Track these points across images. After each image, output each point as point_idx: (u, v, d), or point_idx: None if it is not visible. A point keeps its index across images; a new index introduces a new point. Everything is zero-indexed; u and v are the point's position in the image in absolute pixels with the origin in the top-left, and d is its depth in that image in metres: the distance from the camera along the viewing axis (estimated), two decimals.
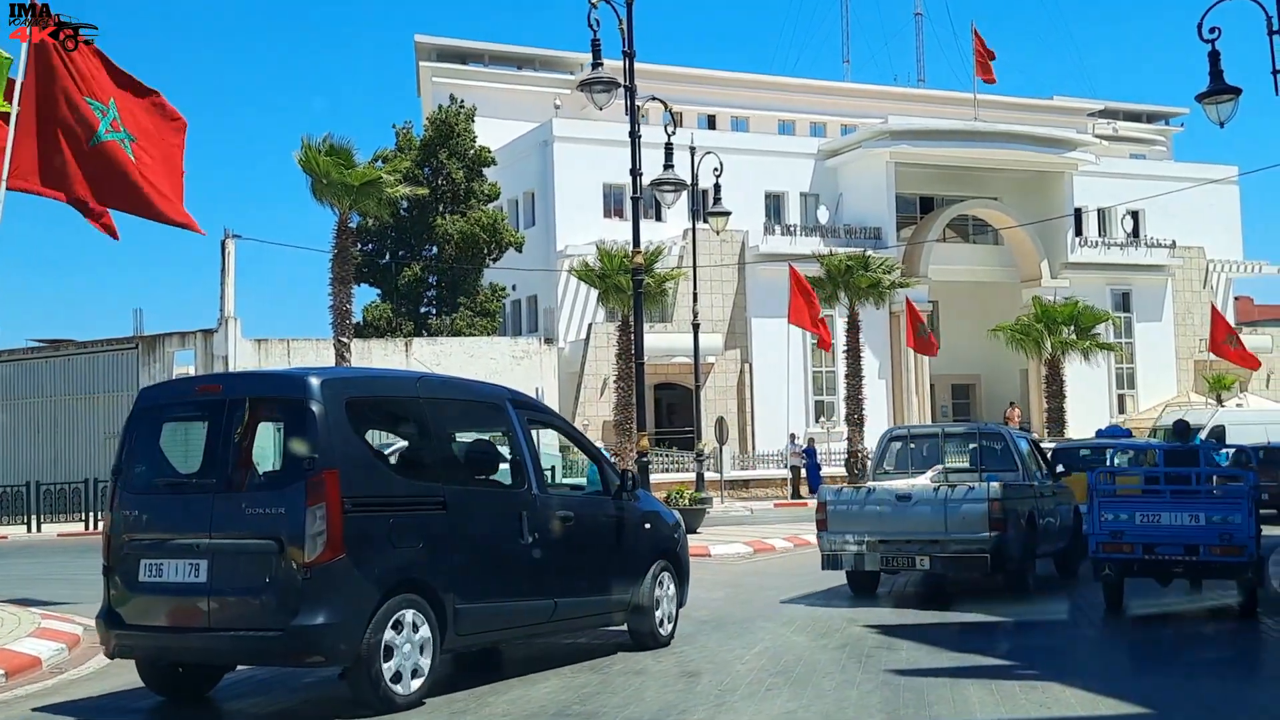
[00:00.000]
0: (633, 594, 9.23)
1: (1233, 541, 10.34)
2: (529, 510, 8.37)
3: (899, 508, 12.18)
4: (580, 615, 8.97)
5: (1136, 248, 47.58)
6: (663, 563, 9.59)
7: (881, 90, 55.15)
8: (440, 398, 8.45)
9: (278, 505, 6.97)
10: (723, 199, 29.14)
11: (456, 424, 8.68)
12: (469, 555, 7.82)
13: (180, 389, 9.50)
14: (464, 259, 37.83)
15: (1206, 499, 10.80)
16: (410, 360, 33.19)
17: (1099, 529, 10.88)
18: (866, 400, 36.86)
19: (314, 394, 7.25)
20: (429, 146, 38.48)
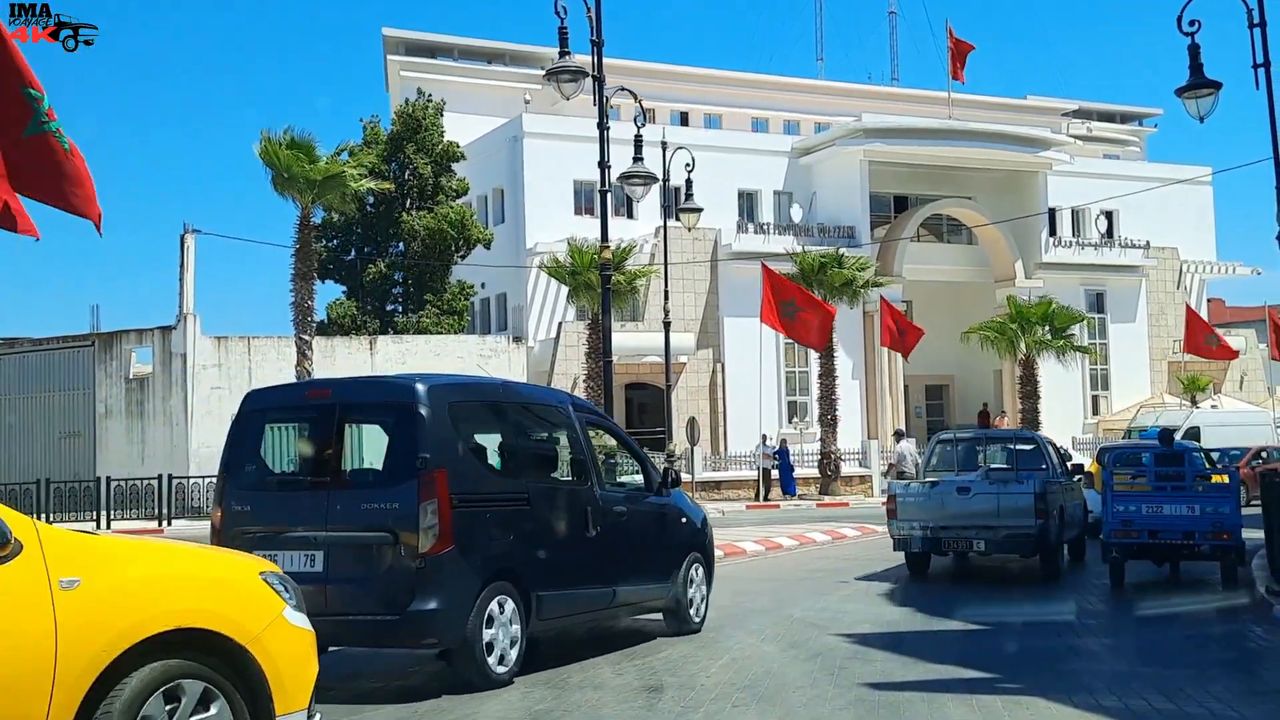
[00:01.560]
0: (672, 583, 9.99)
1: (1223, 528, 12.51)
2: (593, 505, 9.13)
3: (959, 499, 14.08)
4: (633, 602, 9.74)
5: (1110, 248, 47.40)
6: (695, 555, 10.39)
7: (856, 88, 54.80)
8: (517, 401, 9.49)
9: (392, 501, 7.60)
10: (695, 196, 28.63)
11: (531, 425, 9.52)
12: (548, 547, 8.64)
13: (289, 394, 10.16)
14: (431, 256, 37.12)
15: (1201, 494, 13.05)
16: (375, 359, 32.49)
17: (1112, 518, 12.90)
18: (840, 401, 36.43)
19: (422, 399, 7.90)
20: (396, 141, 37.75)
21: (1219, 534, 12.53)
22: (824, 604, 12.13)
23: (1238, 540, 12.61)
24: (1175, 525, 12.66)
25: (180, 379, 31.61)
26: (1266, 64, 17.08)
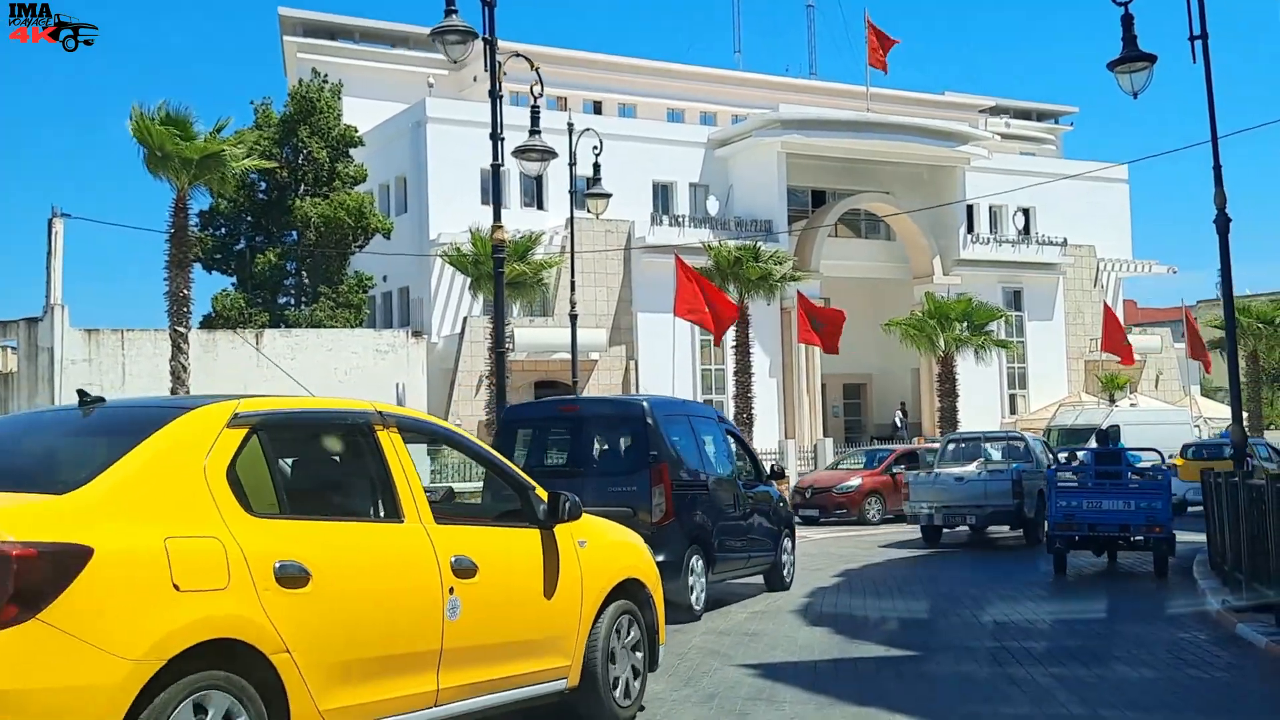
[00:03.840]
0: (775, 552, 13.11)
1: (1155, 521, 13.74)
2: (739, 492, 12.50)
3: (956, 484, 18.46)
4: (757, 565, 12.79)
5: (1028, 245, 46.86)
6: (787, 530, 13.63)
7: (773, 80, 53.63)
8: (693, 414, 12.70)
9: (631, 485, 10.43)
10: (607, 185, 27.03)
11: (701, 432, 12.31)
12: (719, 521, 11.69)
13: (543, 408, 14.18)
14: (326, 246, 35.00)
15: (1136, 490, 14.25)
16: (260, 354, 30.36)
17: (1055, 513, 14.16)
18: (756, 399, 35.14)
19: (649, 412, 11.10)
20: (289, 124, 35.54)
21: (1152, 527, 13.76)
22: (729, 624, 10.66)
23: (1168, 533, 13.83)
24: (1112, 519, 13.89)
25: (47, 375, 29.17)
26: (1204, 36, 16.12)
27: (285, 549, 4.67)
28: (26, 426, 5.68)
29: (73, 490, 4.31)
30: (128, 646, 4.04)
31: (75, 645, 3.94)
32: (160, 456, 4.56)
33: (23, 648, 3.86)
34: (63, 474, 4.55)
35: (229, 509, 4.60)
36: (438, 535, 5.37)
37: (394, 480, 5.35)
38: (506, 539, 5.90)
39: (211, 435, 4.74)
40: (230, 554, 4.46)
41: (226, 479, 4.67)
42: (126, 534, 4.23)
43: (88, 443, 4.90)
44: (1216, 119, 16.43)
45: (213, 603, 4.35)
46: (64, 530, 4.08)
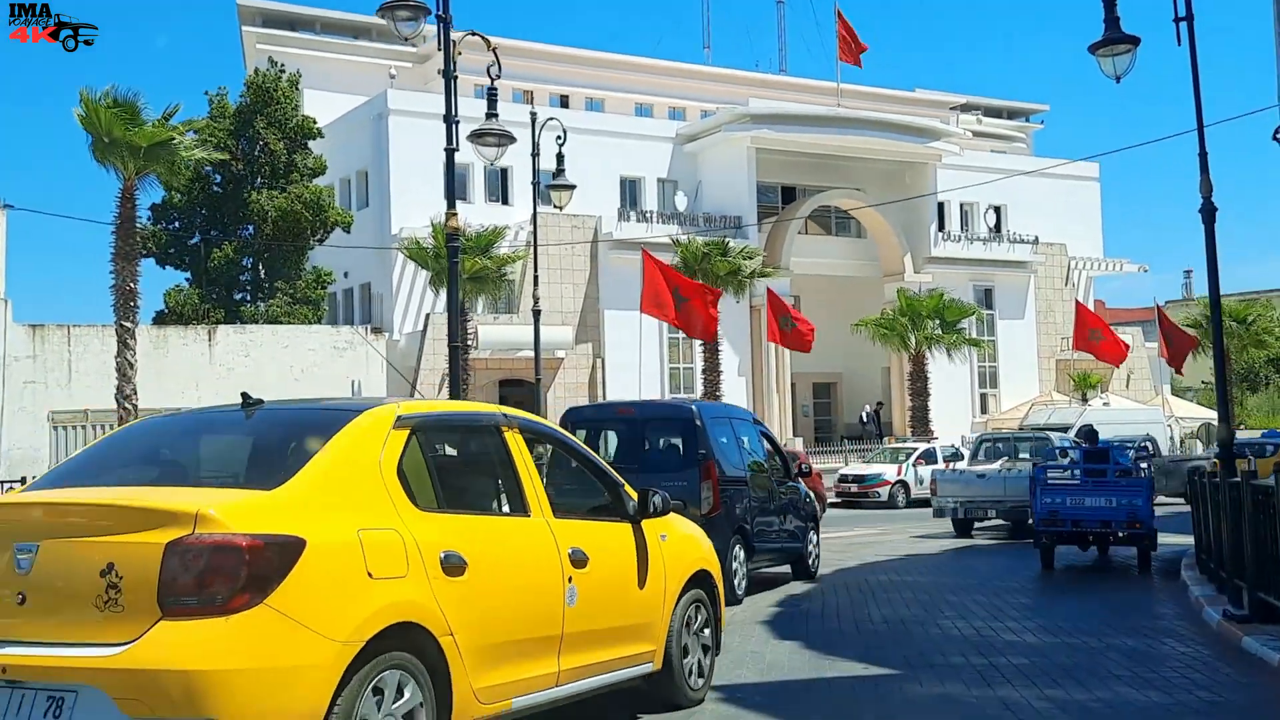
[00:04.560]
0: (803, 543, 14.00)
1: (1136, 518, 14.17)
2: (772, 487, 13.48)
3: (978, 480, 20.04)
4: (788, 555, 13.76)
5: (999, 243, 46.42)
6: (813, 524, 14.50)
7: (743, 76, 52.96)
8: (734, 416, 13.77)
9: (682, 480, 11.10)
10: (573, 180, 26.18)
11: (741, 432, 13.32)
12: (756, 514, 12.61)
13: (601, 410, 15.51)
14: (283, 240, 33.96)
15: (1118, 488, 14.57)
16: (213, 350, 29.34)
17: (1041, 509, 14.57)
18: (725, 398, 34.39)
19: (698, 415, 12.24)
20: (245, 115, 34.48)
21: (1133, 523, 14.21)
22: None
23: (1148, 528, 14.28)
24: (1095, 515, 14.40)
25: None
26: (1190, 18, 15.53)
27: (447, 540, 5.06)
28: (202, 426, 5.88)
29: (278, 487, 4.63)
30: (335, 629, 4.41)
31: (294, 628, 4.30)
32: (345, 455, 4.91)
33: (253, 630, 4.22)
34: (262, 471, 4.86)
35: (401, 503, 4.97)
36: (557, 529, 5.80)
37: (521, 477, 5.77)
38: (607, 532, 6.30)
39: (382, 436, 5.09)
40: (407, 544, 4.85)
41: (397, 476, 5.03)
42: (329, 526, 4.60)
43: (273, 442, 5.22)
44: (1202, 105, 15.96)
45: (397, 589, 4.72)
46: (280, 523, 4.44)
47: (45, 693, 4.21)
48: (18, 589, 4.36)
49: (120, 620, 4.20)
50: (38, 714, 4.20)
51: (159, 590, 4.20)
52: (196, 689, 4.09)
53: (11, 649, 4.28)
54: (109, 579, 4.22)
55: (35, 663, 4.24)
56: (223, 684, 4.12)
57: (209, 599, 4.20)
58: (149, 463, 5.29)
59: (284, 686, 4.25)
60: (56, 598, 4.32)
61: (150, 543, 4.23)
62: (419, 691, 4.75)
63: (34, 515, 4.60)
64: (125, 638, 4.17)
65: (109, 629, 4.21)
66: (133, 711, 4.09)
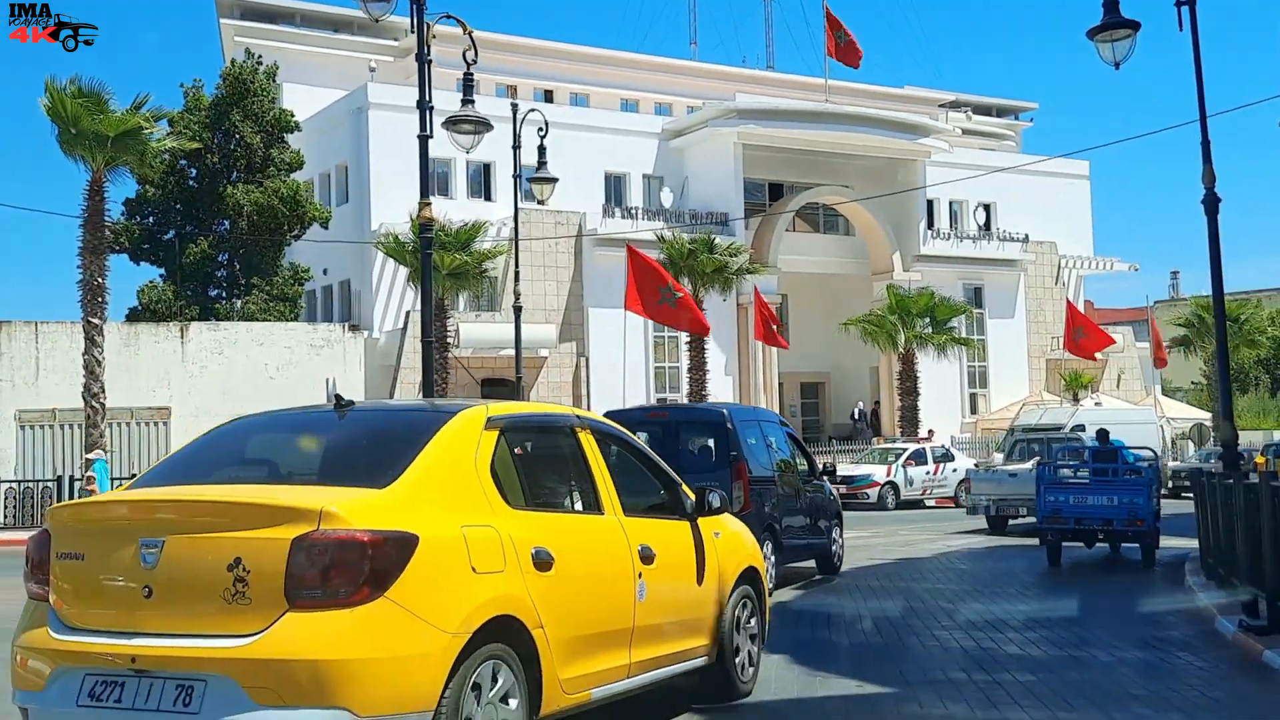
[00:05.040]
0: (828, 540, 14.43)
1: (1137, 516, 14.61)
2: (799, 486, 14.09)
3: (1009, 479, 20.52)
4: (813, 551, 14.18)
5: (989, 241, 45.87)
6: (837, 521, 14.95)
7: (730, 72, 52.31)
8: (763, 419, 14.60)
9: (715, 480, 10.21)
10: (558, 175, 25.43)
11: (769, 434, 13.89)
12: (784, 511, 13.20)
13: (636, 414, 14.56)
14: (260, 235, 33.18)
15: (1120, 486, 15.02)
16: (186, 348, 28.57)
17: (1044, 507, 15.02)
18: (711, 398, 33.79)
19: (729, 418, 12.92)
20: (221, 107, 33.69)
21: (1134, 521, 14.62)
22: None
23: (1150, 526, 14.76)
24: (1097, 513, 14.83)
25: None
26: (1192, 1, 14.97)
27: (536, 537, 5.22)
28: (298, 426, 5.98)
29: (388, 485, 4.78)
30: (446, 621, 4.61)
31: (411, 620, 4.48)
32: (445, 455, 5.08)
33: (375, 621, 4.39)
34: (369, 470, 4.94)
35: (495, 501, 5.16)
36: (627, 526, 6.01)
37: (595, 477, 5.98)
38: (669, 530, 6.46)
39: (476, 436, 5.27)
40: (503, 540, 5.03)
41: (490, 474, 5.22)
42: (436, 523, 4.78)
43: (373, 443, 5.37)
44: (1204, 92, 15.40)
45: (496, 583, 4.91)
46: (396, 520, 4.61)
47: (174, 682, 4.35)
48: (144, 583, 4.51)
49: (247, 612, 4.37)
50: (167, 702, 4.35)
51: (286, 583, 4.37)
52: (326, 678, 4.27)
53: (139, 640, 4.45)
54: (236, 573, 4.39)
55: (164, 653, 4.40)
56: (350, 673, 4.30)
57: (334, 592, 4.38)
58: (254, 461, 5.49)
59: (403, 675, 4.44)
60: (183, 591, 4.47)
61: (277, 538, 4.40)
62: (514, 681, 4.93)
63: (159, 512, 4.72)
64: (253, 629, 4.34)
65: (236, 620, 4.37)
66: (264, 700, 4.24)
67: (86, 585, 4.66)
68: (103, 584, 4.63)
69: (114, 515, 4.85)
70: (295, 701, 4.23)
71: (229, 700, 4.26)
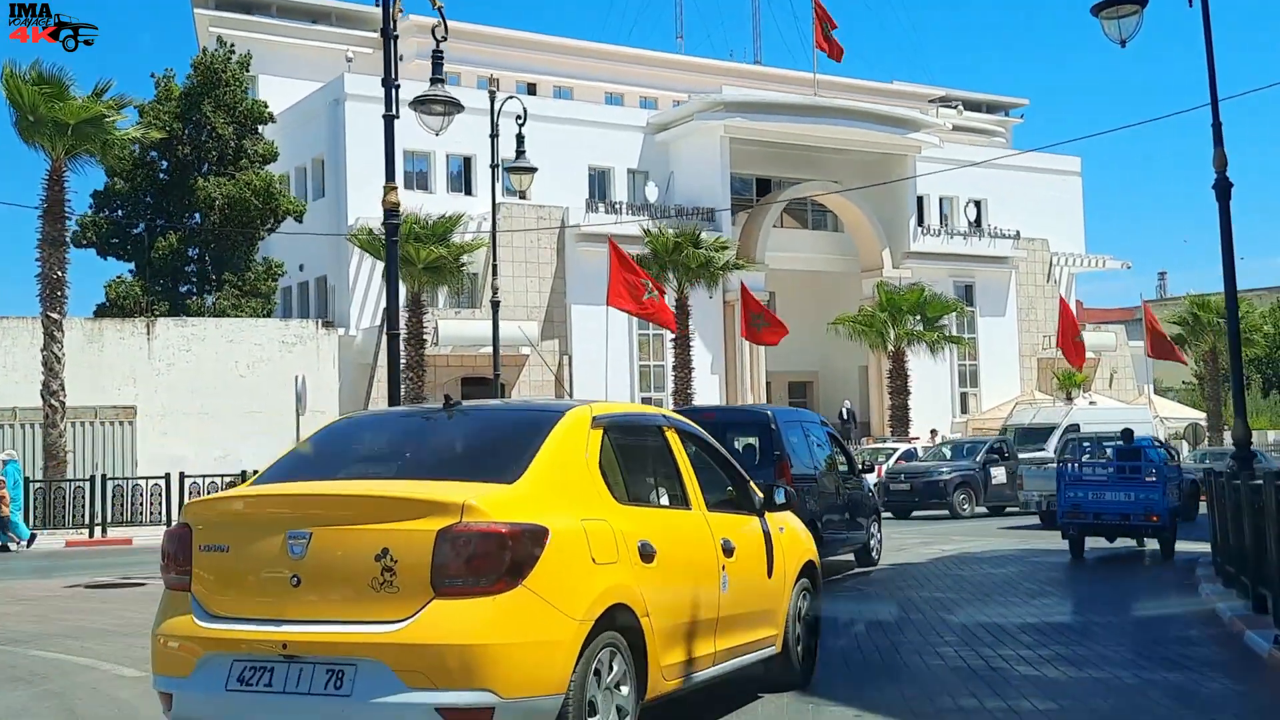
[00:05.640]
0: (866, 533, 14.98)
1: (1152, 511, 15.12)
2: (839, 483, 14.66)
3: None
4: (852, 545, 14.70)
5: (980, 238, 45.14)
6: (875, 516, 15.59)
7: (717, 65, 51.49)
8: (806, 420, 15.23)
9: (760, 477, 9.87)
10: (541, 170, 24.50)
11: (810, 433, 14.61)
12: (826, 507, 13.82)
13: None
14: (232, 229, 32.18)
15: (1137, 483, 15.55)
16: (152, 344, 27.57)
17: (1064, 503, 15.62)
18: (696, 396, 32.98)
19: (773, 419, 13.48)
20: (192, 97, 32.69)
21: (1149, 516, 15.13)
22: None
23: (1165, 521, 15.17)
24: (1114, 508, 15.36)
25: None
26: None
27: (640, 530, 5.42)
28: (413, 424, 6.09)
29: (515, 481, 4.96)
30: (574, 609, 4.80)
31: (545, 607, 4.70)
32: (561, 452, 5.26)
33: (514, 608, 4.62)
34: (493, 467, 5.11)
35: (605, 496, 5.37)
36: (710, 521, 6.20)
37: (682, 474, 6.18)
38: (743, 524, 6.63)
39: (585, 434, 5.46)
40: (615, 533, 5.21)
41: (599, 471, 5.41)
42: (561, 516, 4.96)
43: (491, 440, 5.57)
44: (1216, 71, 14.62)
45: (612, 574, 5.09)
46: (528, 513, 4.82)
47: (324, 666, 4.54)
48: (292, 572, 4.68)
49: (395, 599, 4.55)
50: (318, 686, 4.52)
51: (432, 573, 4.55)
52: (473, 662, 4.47)
53: (288, 626, 4.63)
54: (384, 562, 4.57)
55: (315, 638, 4.58)
56: (494, 657, 4.50)
57: (476, 581, 4.57)
58: (378, 459, 5.62)
59: (540, 660, 4.64)
60: (331, 579, 4.66)
61: (423, 530, 4.59)
62: (626, 668, 5.12)
63: (305, 506, 4.89)
64: (401, 615, 4.52)
65: (384, 607, 4.55)
66: (414, 683, 4.43)
67: (232, 575, 4.84)
68: (249, 574, 4.81)
69: (259, 509, 5.03)
70: (444, 684, 4.43)
71: (380, 683, 4.45)
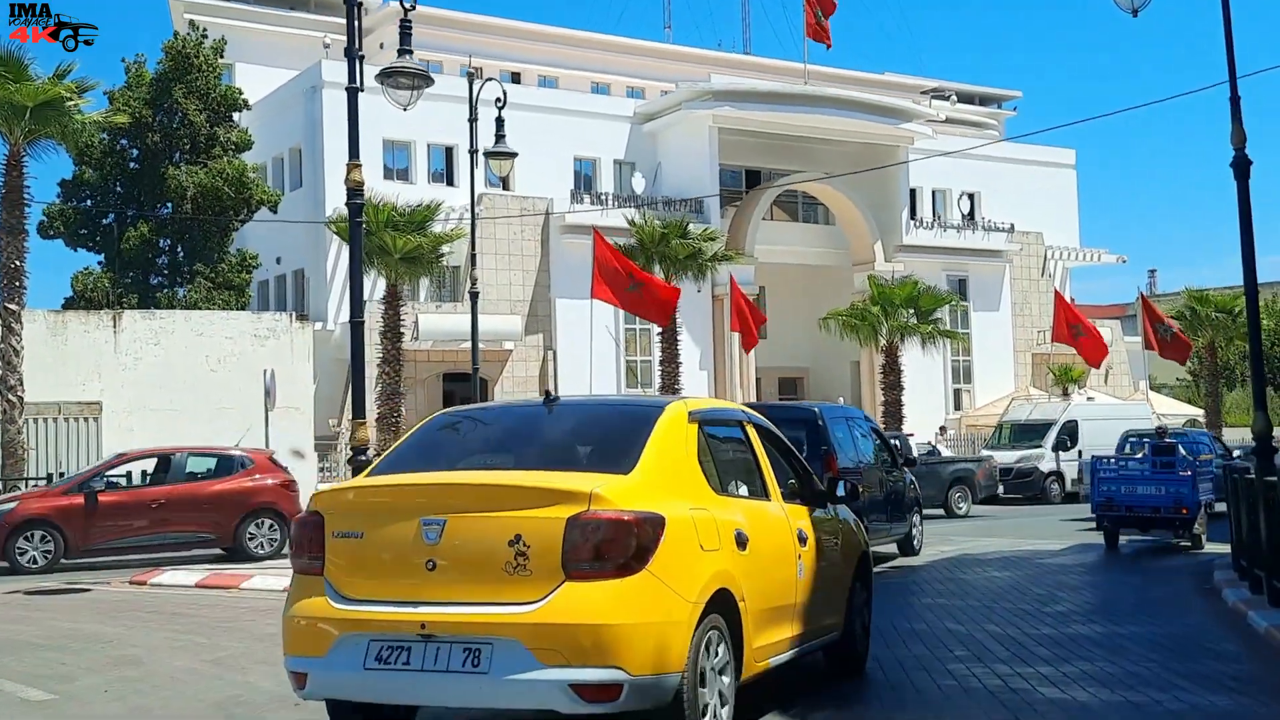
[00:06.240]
0: (907, 524, 16.03)
1: (1182, 504, 15.89)
2: (883, 476, 15.59)
3: None
4: (894, 536, 15.65)
5: (973, 231, 44.30)
6: (917, 507, 16.55)
7: (705, 55, 50.55)
8: (852, 416, 16.20)
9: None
10: (525, 160, 23.76)
11: (856, 428, 15.68)
12: (870, 498, 13.75)
13: None
14: (205, 218, 31.13)
15: (1167, 477, 16.27)
16: (119, 337, 26.47)
17: (1097, 496, 16.67)
18: (685, 392, 31.95)
19: (820, 415, 14.39)
20: (163, 83, 31.63)
21: (1179, 509, 15.92)
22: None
23: (1194, 514, 15.91)
24: (1146, 501, 16.21)
25: None
26: None
27: (735, 519, 5.76)
28: (519, 417, 6.52)
29: (630, 472, 5.31)
30: (688, 591, 5.13)
31: (666, 589, 5.02)
32: (667, 445, 5.61)
33: (639, 591, 4.92)
34: (606, 458, 5.45)
35: (704, 486, 5.72)
36: (788, 511, 6.57)
37: (762, 466, 6.55)
38: (809, 515, 6.82)
39: (684, 428, 5.81)
40: (716, 522, 5.56)
41: (697, 462, 5.76)
42: (673, 505, 5.30)
43: (599, 433, 5.88)
44: (1234, 43, 13.77)
45: (716, 560, 5.43)
46: (646, 502, 5.15)
47: (461, 645, 4.82)
48: (427, 557, 4.94)
49: (528, 582, 4.83)
50: (455, 663, 4.80)
51: (563, 557, 4.83)
52: (604, 640, 4.75)
53: (425, 608, 4.89)
54: (517, 547, 4.85)
55: (452, 619, 4.86)
56: (623, 636, 4.78)
57: (605, 565, 4.85)
58: (492, 450, 5.91)
59: (663, 639, 4.90)
60: (466, 563, 4.92)
61: (554, 517, 4.87)
62: (726, 648, 5.37)
63: (438, 494, 5.15)
64: (534, 597, 4.81)
65: (518, 589, 4.83)
66: (548, 660, 4.72)
67: (366, 560, 5.07)
68: (384, 559, 5.05)
69: (392, 498, 5.25)
70: (578, 661, 4.68)
71: (516, 660, 4.71)
